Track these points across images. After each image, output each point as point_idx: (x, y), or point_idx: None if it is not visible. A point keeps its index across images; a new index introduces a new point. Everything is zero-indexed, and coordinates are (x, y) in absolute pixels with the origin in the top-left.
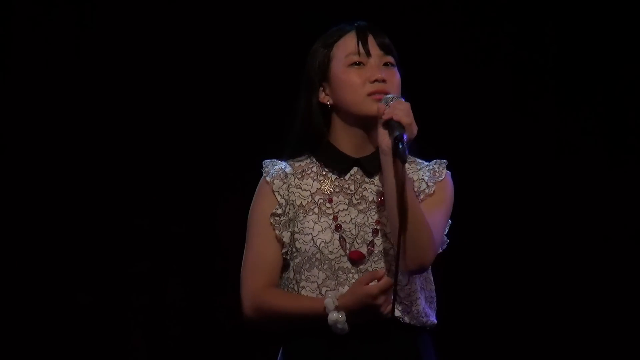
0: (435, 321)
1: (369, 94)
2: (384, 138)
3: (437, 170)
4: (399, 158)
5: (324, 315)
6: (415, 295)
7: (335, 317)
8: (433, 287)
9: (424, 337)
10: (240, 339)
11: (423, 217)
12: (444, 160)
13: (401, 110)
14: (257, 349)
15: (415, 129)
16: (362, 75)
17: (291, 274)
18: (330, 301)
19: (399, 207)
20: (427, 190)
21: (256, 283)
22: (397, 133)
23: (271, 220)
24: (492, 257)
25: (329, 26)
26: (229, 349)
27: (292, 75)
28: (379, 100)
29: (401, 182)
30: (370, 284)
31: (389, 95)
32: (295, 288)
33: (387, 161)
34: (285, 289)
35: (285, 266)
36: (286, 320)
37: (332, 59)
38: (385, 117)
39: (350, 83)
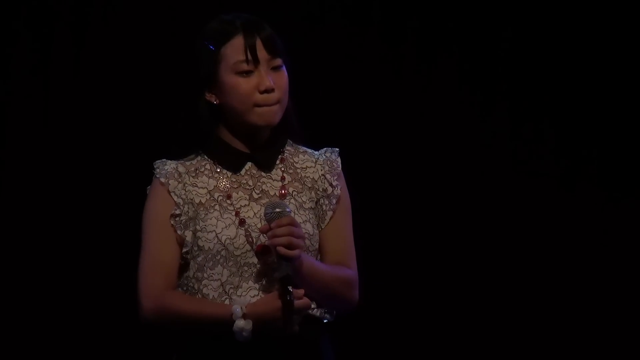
0: (331, 318)
1: (256, 105)
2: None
3: (334, 160)
4: (286, 304)
5: (229, 321)
6: None
7: (242, 324)
8: None
9: (322, 330)
10: None
11: (337, 276)
12: (336, 149)
13: (282, 238)
14: None
15: (297, 254)
16: (250, 84)
17: (191, 273)
18: (237, 308)
19: (314, 288)
20: (335, 192)
21: (155, 284)
22: (281, 274)
23: (172, 222)
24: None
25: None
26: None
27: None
28: (263, 113)
29: (306, 278)
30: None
31: (275, 210)
32: (196, 287)
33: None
34: (185, 289)
35: (184, 266)
36: (190, 324)
37: (220, 62)
38: (267, 243)
39: (239, 92)
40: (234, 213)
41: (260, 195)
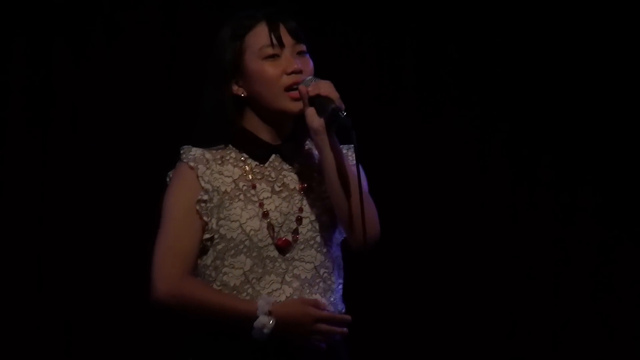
0: (344, 310)
1: (286, 88)
2: (313, 118)
3: (348, 155)
4: (343, 125)
5: (252, 316)
6: (335, 284)
7: (264, 321)
8: (343, 275)
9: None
10: None
11: (364, 190)
12: (352, 145)
13: (327, 86)
14: None
15: (343, 104)
16: (278, 68)
17: (209, 261)
18: (264, 303)
19: (342, 182)
20: None
21: (173, 268)
22: (332, 106)
23: (197, 207)
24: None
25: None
26: None
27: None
28: (296, 98)
29: (340, 158)
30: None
31: (307, 78)
32: (214, 275)
33: (322, 139)
34: (202, 277)
35: (203, 252)
36: (208, 315)
37: (245, 51)
38: (311, 93)
39: (267, 77)
40: (257, 204)
41: (281, 188)
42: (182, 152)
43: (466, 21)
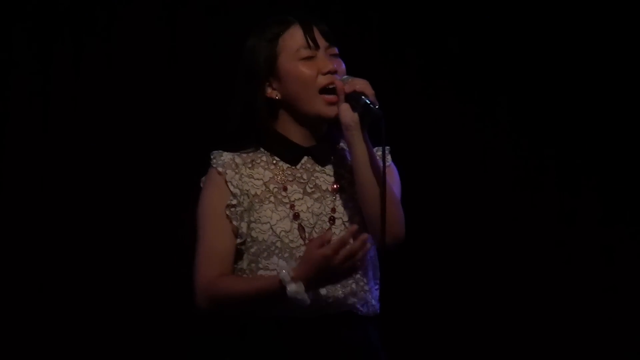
0: (379, 310)
1: (321, 89)
2: (347, 113)
3: (380, 156)
4: (375, 116)
5: (281, 290)
6: (370, 283)
7: (295, 288)
8: (379, 275)
9: (372, 326)
10: None
11: (391, 189)
12: (387, 147)
13: (363, 83)
14: None
15: (377, 101)
16: (313, 68)
17: (245, 264)
18: (285, 274)
19: (371, 179)
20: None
21: (210, 274)
22: (364, 100)
23: (227, 212)
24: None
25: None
26: None
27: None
28: (332, 102)
29: (370, 154)
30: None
31: (344, 76)
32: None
33: (354, 135)
34: None
35: (238, 257)
36: (243, 304)
37: (280, 53)
38: (347, 89)
39: (303, 77)
40: (288, 206)
41: (313, 189)
42: (212, 157)
43: (466, 22)
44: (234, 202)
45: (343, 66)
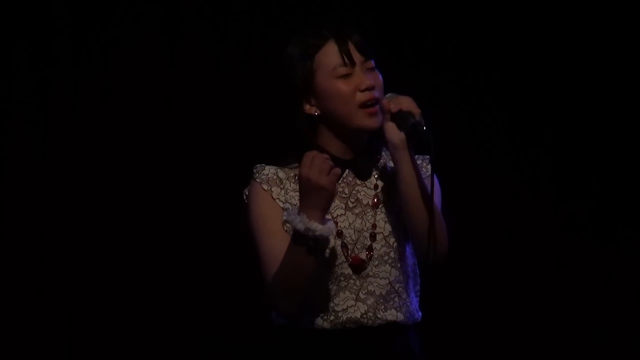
0: (420, 317)
1: (361, 105)
2: (394, 132)
3: (424, 166)
4: (424, 138)
5: (299, 235)
6: (410, 294)
7: (302, 222)
8: (419, 283)
9: (413, 334)
10: None
11: (436, 206)
12: (427, 156)
13: (408, 102)
14: None
15: (423, 119)
16: (351, 85)
17: None
18: (288, 217)
19: (417, 198)
20: None
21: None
22: (413, 120)
23: (285, 228)
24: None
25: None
26: None
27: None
28: (372, 114)
29: (417, 174)
30: None
31: (389, 94)
32: None
33: (401, 155)
34: None
35: None
36: (296, 275)
37: (316, 70)
38: (394, 109)
39: (341, 95)
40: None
41: (354, 204)
42: (255, 170)
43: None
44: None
45: (380, 79)
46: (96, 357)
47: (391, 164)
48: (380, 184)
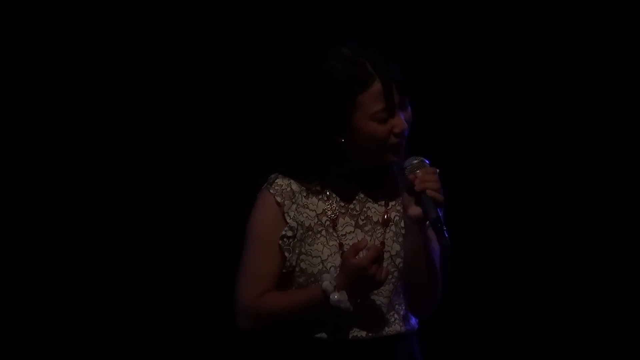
0: (417, 325)
1: (390, 148)
2: (411, 205)
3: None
4: (443, 241)
5: (325, 300)
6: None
7: (338, 297)
8: None
9: (415, 340)
10: None
11: (439, 273)
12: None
13: (433, 183)
14: None
15: (443, 197)
16: (387, 128)
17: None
18: (328, 283)
19: (421, 268)
20: None
21: (253, 293)
22: (433, 215)
23: (280, 242)
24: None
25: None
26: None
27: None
28: (398, 153)
29: (427, 246)
30: (358, 255)
31: (414, 161)
32: None
33: (415, 229)
34: None
35: (288, 283)
36: (286, 320)
37: (357, 109)
38: (417, 188)
39: (377, 138)
40: (338, 241)
41: (364, 222)
42: (269, 180)
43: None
44: (290, 234)
45: (410, 115)
46: (95, 357)
47: (399, 177)
48: (390, 202)
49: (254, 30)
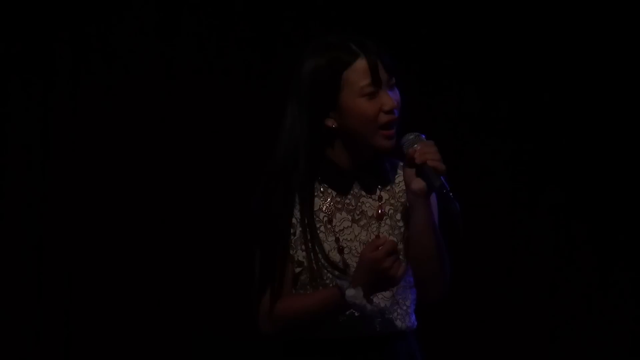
0: (416, 324)
1: (381, 126)
2: (414, 181)
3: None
4: (451, 207)
5: (341, 298)
6: (410, 307)
7: (353, 293)
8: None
9: (413, 339)
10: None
11: (446, 249)
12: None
13: (433, 154)
14: None
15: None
16: (376, 105)
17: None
18: (344, 281)
19: (426, 244)
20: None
21: (272, 301)
22: (437, 182)
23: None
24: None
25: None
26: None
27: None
28: (391, 136)
29: (431, 220)
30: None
31: (410, 137)
32: None
33: (419, 202)
34: None
35: (294, 282)
36: (305, 321)
37: (343, 87)
38: (418, 160)
39: (366, 115)
40: (334, 237)
41: (360, 216)
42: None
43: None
44: (291, 231)
45: (398, 95)
46: (95, 357)
47: (393, 172)
48: (384, 195)
49: (254, 30)
